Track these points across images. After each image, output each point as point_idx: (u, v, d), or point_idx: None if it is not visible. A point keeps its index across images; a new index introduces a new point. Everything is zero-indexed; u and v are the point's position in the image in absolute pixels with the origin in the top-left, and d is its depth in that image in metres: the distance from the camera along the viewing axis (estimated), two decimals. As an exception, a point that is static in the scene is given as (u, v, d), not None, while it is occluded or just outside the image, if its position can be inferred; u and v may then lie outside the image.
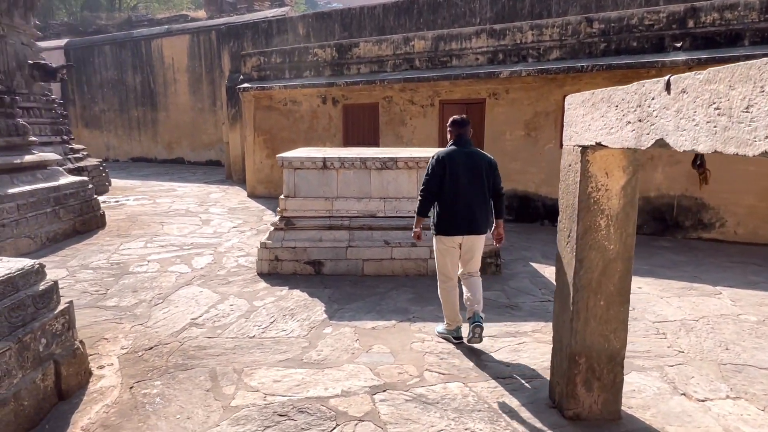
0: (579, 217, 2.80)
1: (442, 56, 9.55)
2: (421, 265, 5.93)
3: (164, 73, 21.23)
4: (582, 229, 2.81)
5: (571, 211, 2.88)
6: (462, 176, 3.84)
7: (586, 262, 2.84)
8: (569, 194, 2.89)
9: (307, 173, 5.97)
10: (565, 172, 2.94)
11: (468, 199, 3.85)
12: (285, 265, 5.87)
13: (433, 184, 3.86)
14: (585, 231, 2.81)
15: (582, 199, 2.78)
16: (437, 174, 3.85)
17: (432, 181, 3.87)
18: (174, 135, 21.44)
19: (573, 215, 2.84)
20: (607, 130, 2.44)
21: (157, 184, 14.56)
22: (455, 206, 3.84)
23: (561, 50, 8.50)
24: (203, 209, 10.31)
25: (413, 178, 6.04)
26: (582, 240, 2.82)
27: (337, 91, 10.67)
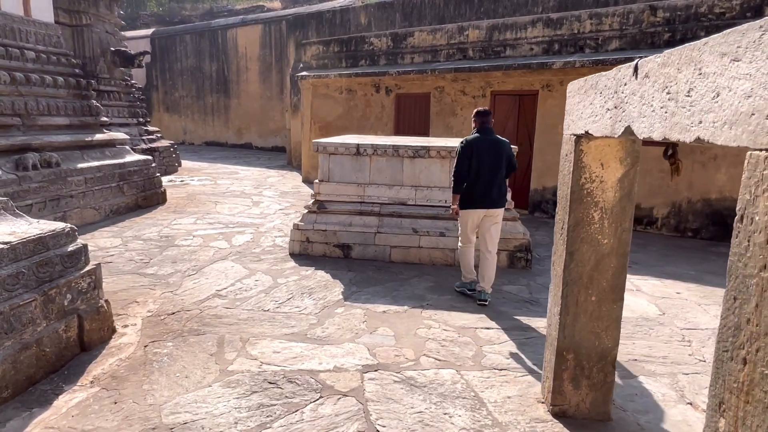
0: (570, 208, 2.72)
1: (496, 46, 9.35)
2: (449, 255, 5.91)
3: (237, 62, 22.20)
4: (573, 220, 2.73)
5: (564, 202, 2.80)
6: (485, 160, 4.51)
7: (577, 255, 2.76)
8: (564, 185, 2.81)
9: (341, 159, 6.11)
10: (562, 162, 2.86)
11: (487, 179, 4.53)
12: (315, 246, 6.06)
13: (464, 165, 4.53)
14: (576, 223, 2.73)
15: (574, 190, 2.70)
16: (465, 156, 4.53)
17: (462, 163, 4.53)
18: (244, 121, 22.43)
19: (566, 206, 2.76)
20: (593, 118, 2.36)
21: (223, 167, 15.34)
22: (476, 186, 4.54)
23: (621, 40, 8.07)
24: (257, 192, 10.79)
25: (446, 168, 6.01)
26: (573, 232, 2.74)
27: (390, 80, 10.73)
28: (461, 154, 4.55)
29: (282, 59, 19.98)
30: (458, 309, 4.57)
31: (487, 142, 4.55)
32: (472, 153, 4.51)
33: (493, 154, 4.53)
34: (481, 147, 4.52)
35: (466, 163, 4.53)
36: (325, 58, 11.97)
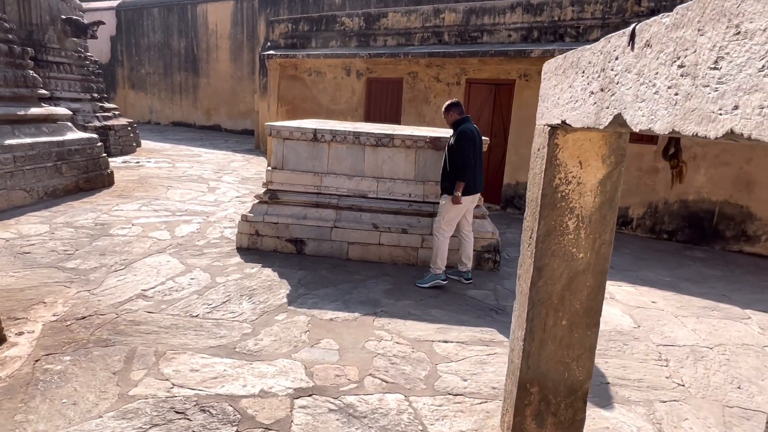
0: (541, 214, 2.24)
1: (473, 31, 8.84)
2: (411, 254, 5.43)
3: (207, 39, 21.23)
4: (544, 229, 2.25)
5: (534, 206, 2.31)
6: (478, 146, 4.75)
7: (547, 271, 2.29)
8: (534, 186, 2.33)
9: (297, 145, 5.54)
10: (534, 158, 2.37)
11: (478, 165, 4.78)
12: (266, 241, 5.51)
13: (470, 153, 4.61)
14: (547, 233, 2.25)
15: (546, 193, 2.21)
16: (471, 144, 4.63)
17: (469, 151, 4.61)
18: (213, 102, 21.53)
19: (536, 212, 2.28)
20: (572, 105, 1.87)
21: (186, 149, 14.56)
22: (475, 172, 4.72)
23: (602, 30, 7.64)
24: (216, 177, 10.12)
25: (411, 159, 5.50)
26: (543, 243, 2.26)
27: (362, 64, 10.14)
28: (467, 142, 4.60)
29: (254, 38, 19.12)
30: (415, 317, 4.09)
31: (476, 130, 4.78)
32: (475, 142, 4.67)
33: (479, 140, 4.80)
34: (475, 134, 4.72)
35: (471, 151, 4.62)
36: (294, 37, 11.29)
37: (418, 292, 4.67)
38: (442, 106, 4.90)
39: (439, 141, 5.36)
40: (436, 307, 4.37)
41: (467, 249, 5.00)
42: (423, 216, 5.49)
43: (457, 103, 4.84)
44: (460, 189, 4.61)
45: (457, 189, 4.61)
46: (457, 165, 4.61)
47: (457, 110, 4.81)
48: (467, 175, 4.62)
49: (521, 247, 2.50)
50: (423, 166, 5.52)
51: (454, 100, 4.89)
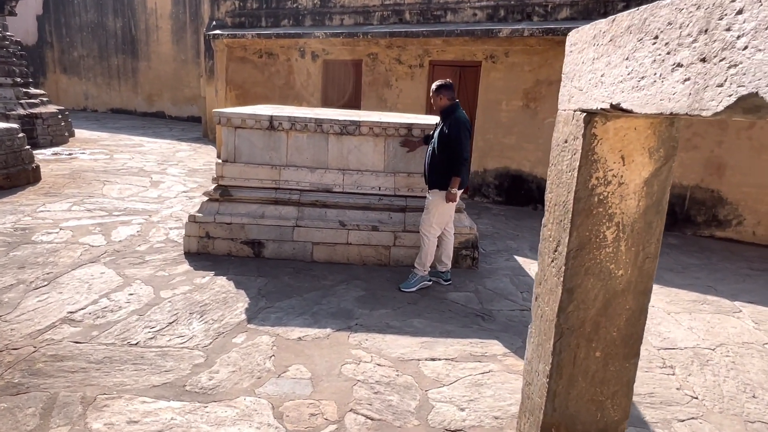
0: (573, 223, 1.78)
1: (436, 9, 8.33)
2: (383, 253, 4.93)
3: (146, 19, 19.76)
4: (577, 242, 1.79)
5: (562, 212, 1.85)
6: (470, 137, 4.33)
7: (580, 293, 1.83)
8: (562, 186, 1.86)
9: (251, 134, 4.89)
10: (558, 152, 1.90)
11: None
12: (218, 244, 4.86)
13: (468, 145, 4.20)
14: (581, 246, 1.79)
15: (581, 197, 1.75)
16: (469, 135, 4.22)
17: (467, 143, 4.16)
18: (155, 87, 20.13)
19: (565, 219, 1.82)
20: (634, 82, 1.39)
21: (126, 138, 13.42)
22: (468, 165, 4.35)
23: (572, 8, 7.31)
24: (160, 169, 9.24)
25: (380, 148, 4.97)
26: (575, 260, 1.80)
27: (317, 44, 9.45)
28: (466, 132, 4.16)
29: (197, 18, 17.89)
30: (395, 330, 3.61)
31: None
32: (470, 130, 4.27)
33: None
34: (469, 125, 4.28)
35: (469, 140, 4.24)
36: (242, 15, 10.43)
37: (394, 299, 4.18)
38: (432, 86, 4.32)
39: (412, 137, 4.86)
40: (416, 315, 3.90)
41: (448, 248, 4.57)
42: (395, 211, 4.99)
43: (448, 85, 4.25)
44: (456, 185, 4.14)
45: (453, 185, 4.14)
46: (455, 158, 4.10)
47: (449, 94, 4.23)
48: (466, 168, 4.19)
49: (540, 261, 2.04)
50: (393, 157, 5.00)
51: (446, 80, 4.29)
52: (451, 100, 4.23)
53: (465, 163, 4.14)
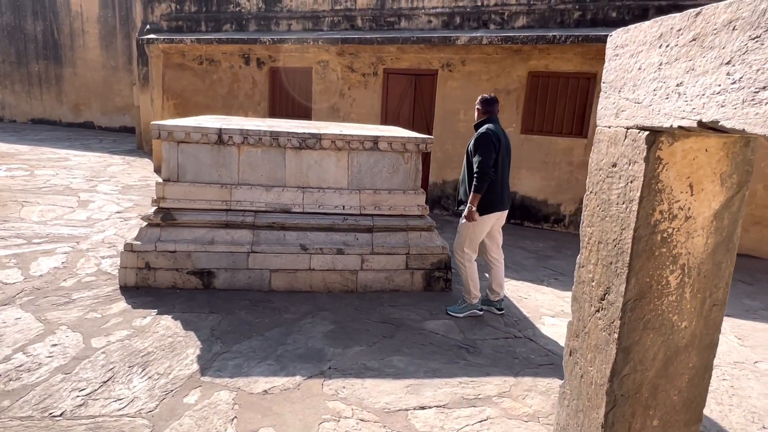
0: (632, 267, 1.43)
1: (389, 16, 8.00)
2: (349, 278, 4.48)
3: (71, 23, 18.34)
4: (636, 290, 1.44)
5: (612, 252, 1.49)
6: (502, 155, 3.93)
7: (637, 352, 1.49)
8: (611, 221, 1.50)
9: (197, 149, 4.32)
10: (602, 178, 1.55)
11: (505, 175, 4.01)
12: (161, 275, 4.24)
13: (491, 159, 3.81)
14: (640, 294, 1.45)
15: (641, 235, 1.40)
16: (494, 148, 3.83)
17: (491, 156, 3.81)
18: (82, 95, 18.68)
19: (617, 262, 1.46)
20: (747, 93, 1.05)
21: (50, 152, 12.20)
22: (497, 186, 3.92)
23: (528, 17, 7.19)
24: (90, 186, 8.34)
25: (343, 163, 4.54)
26: (633, 312, 1.45)
27: (263, 51, 8.89)
28: (488, 143, 3.81)
29: (129, 22, 16.78)
30: (375, 373, 3.17)
31: (503, 133, 3.96)
32: (499, 144, 3.86)
33: (507, 147, 4.01)
34: (501, 139, 3.90)
35: (494, 156, 3.83)
36: (180, 19, 9.70)
37: (367, 332, 3.74)
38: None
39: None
40: (395, 351, 3.48)
41: (498, 275, 4.23)
42: (361, 232, 4.56)
43: (489, 99, 4.04)
44: (476, 202, 3.83)
45: (472, 201, 3.83)
46: (474, 172, 3.82)
47: (488, 107, 4.02)
48: (484, 184, 3.80)
49: (577, 308, 1.68)
50: (358, 172, 4.58)
51: (487, 95, 4.10)
52: (484, 114, 4.03)
53: (483, 176, 3.76)
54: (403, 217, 4.66)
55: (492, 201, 3.90)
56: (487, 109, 4.01)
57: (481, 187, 3.79)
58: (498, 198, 3.94)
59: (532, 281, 5.18)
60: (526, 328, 4.04)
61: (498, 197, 3.94)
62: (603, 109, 1.56)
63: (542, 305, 4.54)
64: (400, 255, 4.54)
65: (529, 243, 6.68)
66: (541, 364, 3.45)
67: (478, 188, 3.79)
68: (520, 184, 7.55)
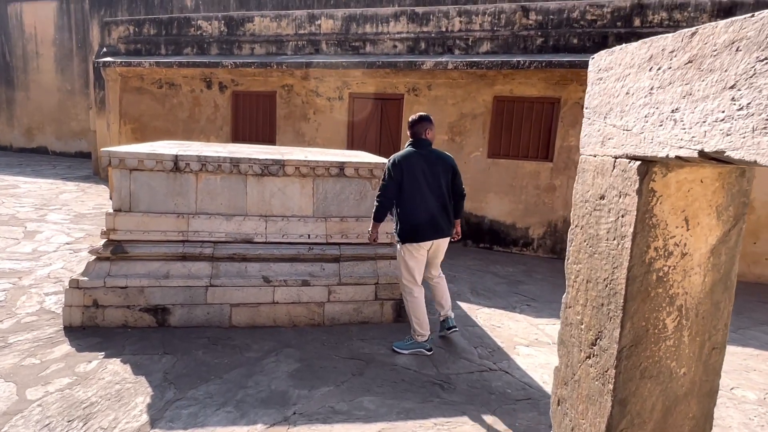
0: (626, 310, 1.29)
1: (354, 40, 7.95)
2: (315, 311, 4.25)
3: (24, 45, 17.71)
4: (631, 336, 1.30)
5: (604, 294, 1.36)
6: (421, 180, 3.71)
7: (635, 404, 1.34)
8: (600, 258, 1.37)
9: (151, 177, 4.06)
10: (589, 211, 1.42)
11: (429, 204, 3.73)
12: (110, 313, 3.92)
13: (392, 190, 3.71)
14: (636, 340, 1.31)
15: (636, 275, 1.28)
16: (395, 179, 3.69)
17: (390, 187, 3.71)
18: (35, 119, 17.95)
19: (609, 304, 1.33)
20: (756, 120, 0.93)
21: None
22: (418, 212, 3.71)
23: (492, 43, 7.25)
24: (39, 215, 7.85)
25: (308, 190, 4.35)
26: (629, 360, 1.31)
27: (225, 74, 8.69)
28: (389, 175, 3.71)
29: (86, 45, 16.29)
30: (344, 417, 2.94)
31: (424, 158, 3.72)
32: (403, 174, 3.68)
33: (429, 172, 3.72)
34: (415, 165, 3.69)
35: (394, 188, 3.70)
36: (138, 42, 9.41)
37: (335, 369, 3.52)
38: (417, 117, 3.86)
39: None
40: (365, 391, 3.26)
41: (438, 293, 4.07)
42: (327, 261, 4.36)
43: (413, 121, 3.81)
44: (375, 230, 3.88)
45: (373, 230, 3.88)
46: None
47: (410, 129, 3.85)
48: (379, 210, 3.77)
49: (565, 352, 1.53)
50: (324, 199, 4.40)
51: (416, 114, 3.85)
52: (410, 137, 3.87)
53: (380, 203, 3.75)
54: (371, 245, 4.48)
55: (417, 229, 3.69)
56: (411, 131, 3.83)
57: (375, 215, 3.79)
58: (428, 225, 3.71)
59: (504, 308, 5.06)
60: (501, 359, 3.88)
61: (427, 225, 3.71)
62: (587, 136, 1.45)
63: (516, 334, 4.42)
64: (368, 285, 4.35)
65: (499, 268, 6.59)
66: (518, 399, 3.29)
67: (375, 216, 3.80)
68: (488, 208, 7.51)
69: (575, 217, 1.48)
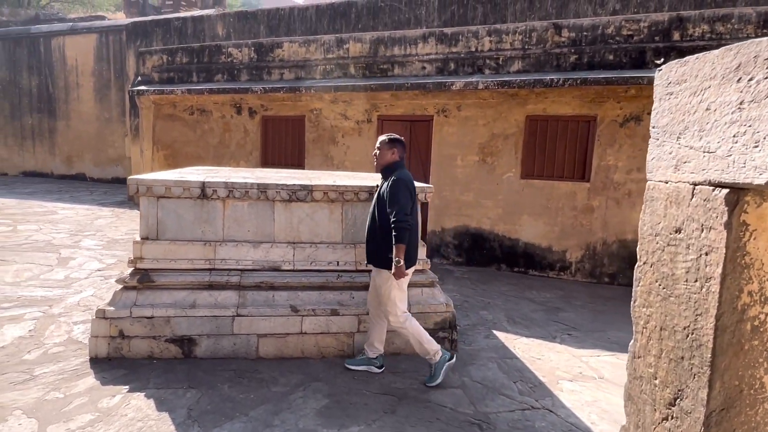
0: (715, 366, 1.08)
1: (383, 63, 7.90)
2: (345, 342, 4.07)
3: (66, 77, 18.44)
4: (722, 397, 1.09)
5: (684, 344, 1.15)
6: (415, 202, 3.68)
7: (727, 479, 1.11)
8: (678, 303, 1.17)
9: (177, 205, 4.00)
10: (662, 246, 1.22)
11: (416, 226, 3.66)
12: (136, 344, 3.83)
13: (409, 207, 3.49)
14: (728, 403, 1.09)
15: (726, 325, 1.06)
16: (411, 195, 3.54)
17: (408, 204, 3.48)
18: (75, 147, 18.56)
19: (692, 358, 1.12)
20: None
21: (38, 205, 11.88)
22: (415, 235, 3.62)
23: (523, 61, 7.08)
24: (73, 241, 7.96)
25: (336, 216, 4.22)
26: (719, 426, 1.09)
27: (255, 100, 8.75)
28: (406, 190, 3.48)
29: (122, 75, 16.84)
30: (376, 461, 2.73)
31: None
32: (411, 194, 3.54)
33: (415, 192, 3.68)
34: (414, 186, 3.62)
35: (411, 203, 3.51)
36: (171, 70, 9.61)
37: (366, 406, 3.31)
38: (383, 138, 3.71)
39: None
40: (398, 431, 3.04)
41: (383, 332, 3.82)
42: (357, 289, 4.19)
43: (401, 141, 3.72)
44: (401, 253, 3.39)
45: (398, 254, 3.39)
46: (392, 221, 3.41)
47: (402, 150, 3.70)
48: (405, 233, 3.39)
49: (634, 410, 1.32)
50: (352, 225, 4.25)
51: (397, 135, 3.74)
52: (401, 158, 3.70)
53: (403, 223, 3.38)
54: (402, 272, 4.30)
55: (411, 253, 3.56)
56: (401, 150, 3.69)
57: (404, 236, 3.40)
58: (415, 250, 3.65)
59: (544, 338, 4.78)
60: (543, 395, 3.61)
61: (415, 249, 3.65)
62: (655, 159, 1.26)
63: (558, 366, 4.13)
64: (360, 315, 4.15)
65: (535, 293, 6.30)
66: (565, 442, 3.02)
67: (401, 238, 3.38)
68: (522, 230, 7.24)
69: (643, 252, 1.28)
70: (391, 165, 3.65)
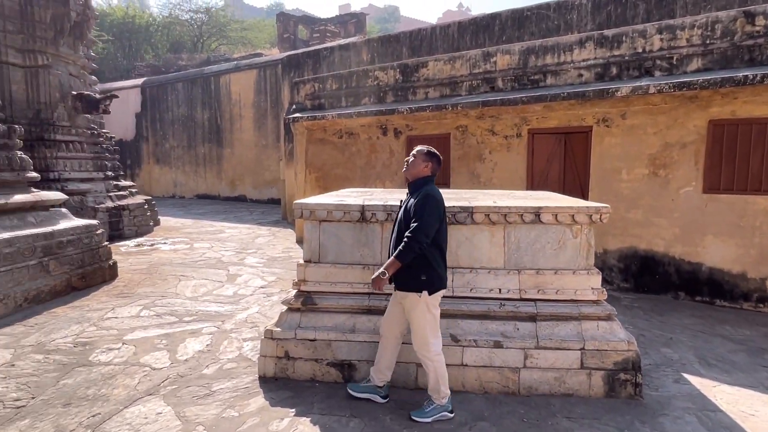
0: None
1: (533, 74, 7.45)
2: (510, 378, 3.73)
3: (230, 109, 20.71)
4: None
5: None
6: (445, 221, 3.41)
7: None
8: None
9: (338, 228, 4.02)
10: None
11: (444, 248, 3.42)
12: (299, 366, 3.89)
13: (434, 230, 3.23)
14: None
15: None
16: (439, 214, 3.27)
17: (434, 223, 3.22)
18: (237, 172, 20.70)
19: None
20: None
21: (208, 224, 13.36)
22: (445, 257, 3.40)
23: (704, 58, 6.14)
24: (238, 259, 8.68)
25: (498, 239, 3.92)
26: None
27: (400, 120, 8.82)
28: (436, 209, 3.23)
29: (278, 104, 18.42)
30: None
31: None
32: (442, 211, 3.32)
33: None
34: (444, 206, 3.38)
35: (437, 225, 3.25)
36: (322, 97, 10.15)
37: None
38: (420, 149, 3.46)
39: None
40: (585, 493, 2.62)
41: (394, 357, 3.60)
42: (522, 320, 3.83)
43: (439, 157, 3.49)
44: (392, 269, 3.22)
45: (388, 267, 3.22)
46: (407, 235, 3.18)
47: (435, 165, 3.45)
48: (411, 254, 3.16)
49: None
50: (516, 249, 3.92)
51: (435, 150, 3.49)
52: (433, 173, 3.45)
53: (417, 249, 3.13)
54: (573, 302, 3.84)
55: (442, 275, 3.32)
56: (434, 166, 3.42)
57: (407, 256, 3.15)
58: (444, 271, 3.37)
59: (753, 387, 3.93)
60: (768, 466, 2.90)
61: (444, 270, 3.37)
62: None
63: (781, 428, 3.33)
64: (572, 350, 3.70)
65: (729, 329, 5.31)
66: None
67: (403, 256, 3.15)
68: (705, 253, 6.22)
69: None
70: (422, 178, 3.41)
